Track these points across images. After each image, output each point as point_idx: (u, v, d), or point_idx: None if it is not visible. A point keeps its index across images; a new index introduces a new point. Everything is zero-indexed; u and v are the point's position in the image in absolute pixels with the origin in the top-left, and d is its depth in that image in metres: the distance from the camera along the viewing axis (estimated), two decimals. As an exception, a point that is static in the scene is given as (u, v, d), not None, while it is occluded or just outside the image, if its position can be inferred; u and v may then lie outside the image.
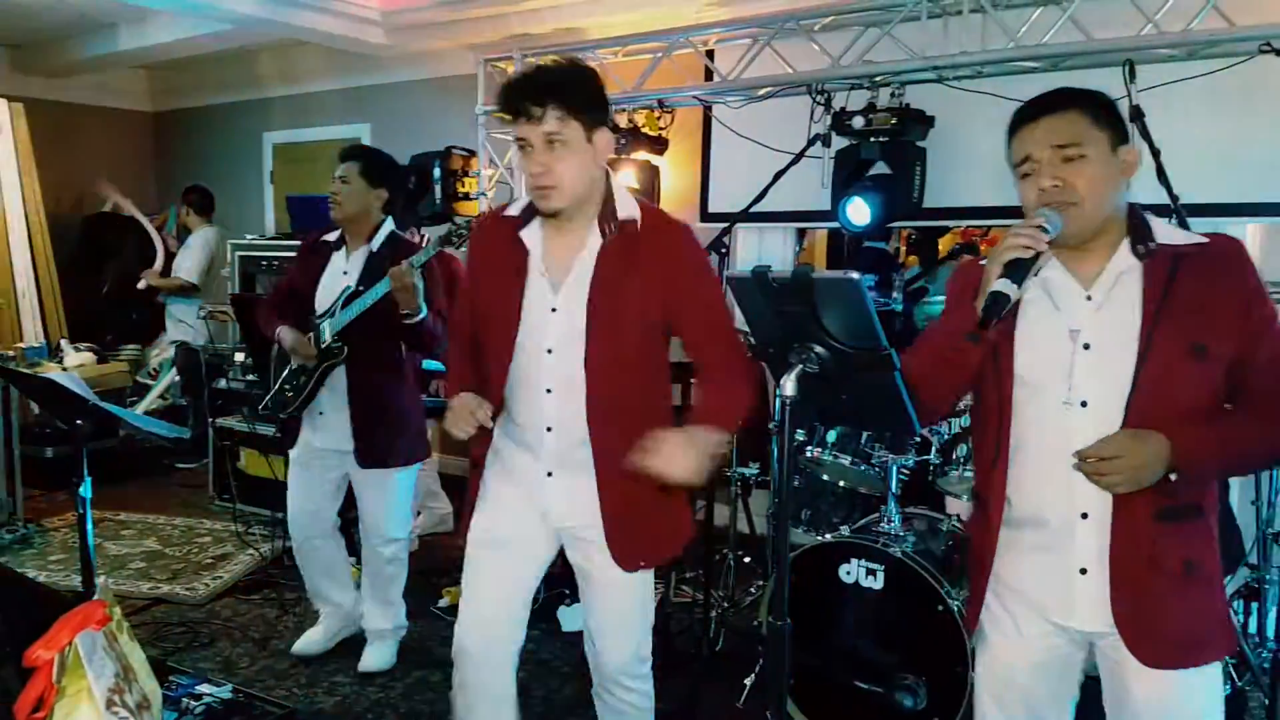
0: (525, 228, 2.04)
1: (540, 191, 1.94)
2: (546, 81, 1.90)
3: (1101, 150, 1.66)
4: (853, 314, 1.53)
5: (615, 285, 1.99)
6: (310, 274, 3.29)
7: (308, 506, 3.37)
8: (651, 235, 2.03)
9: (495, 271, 2.09)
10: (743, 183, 4.04)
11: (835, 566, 2.93)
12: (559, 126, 1.88)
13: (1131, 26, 3.44)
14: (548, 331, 2.03)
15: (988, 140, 4.16)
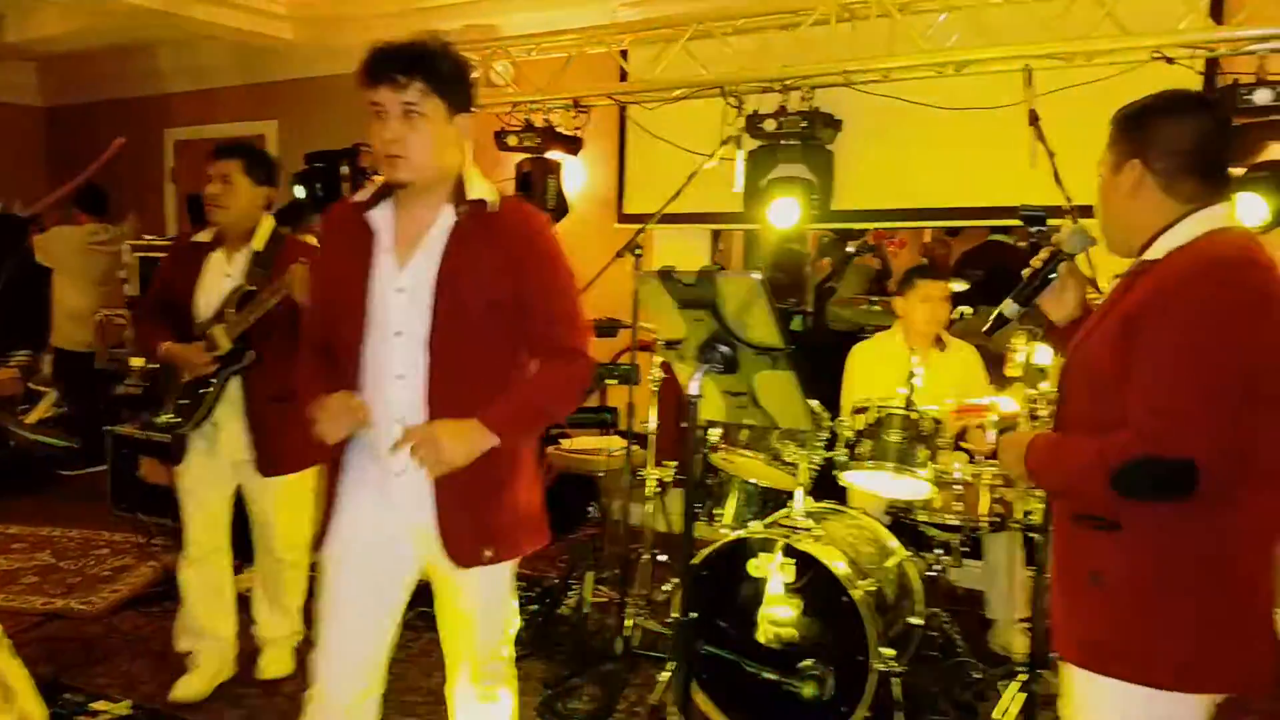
0: (373, 209, 1.99)
1: (390, 161, 1.89)
2: (417, 52, 1.87)
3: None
4: (754, 313, 1.55)
5: (465, 266, 1.94)
6: (185, 279, 3.09)
7: (203, 519, 3.22)
8: (506, 219, 1.99)
9: (342, 258, 2.02)
10: (659, 184, 4.06)
11: (745, 560, 2.97)
12: (419, 98, 1.86)
13: (1031, 33, 3.57)
14: (395, 313, 1.95)
15: (894, 143, 4.34)
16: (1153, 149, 1.61)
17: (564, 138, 4.78)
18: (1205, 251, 1.56)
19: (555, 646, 3.66)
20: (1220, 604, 1.56)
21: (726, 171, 4.26)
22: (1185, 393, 1.48)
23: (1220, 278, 1.52)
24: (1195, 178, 1.60)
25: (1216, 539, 1.55)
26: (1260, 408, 1.50)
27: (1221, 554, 1.56)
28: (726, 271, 1.53)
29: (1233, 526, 1.56)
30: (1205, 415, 1.47)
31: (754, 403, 1.69)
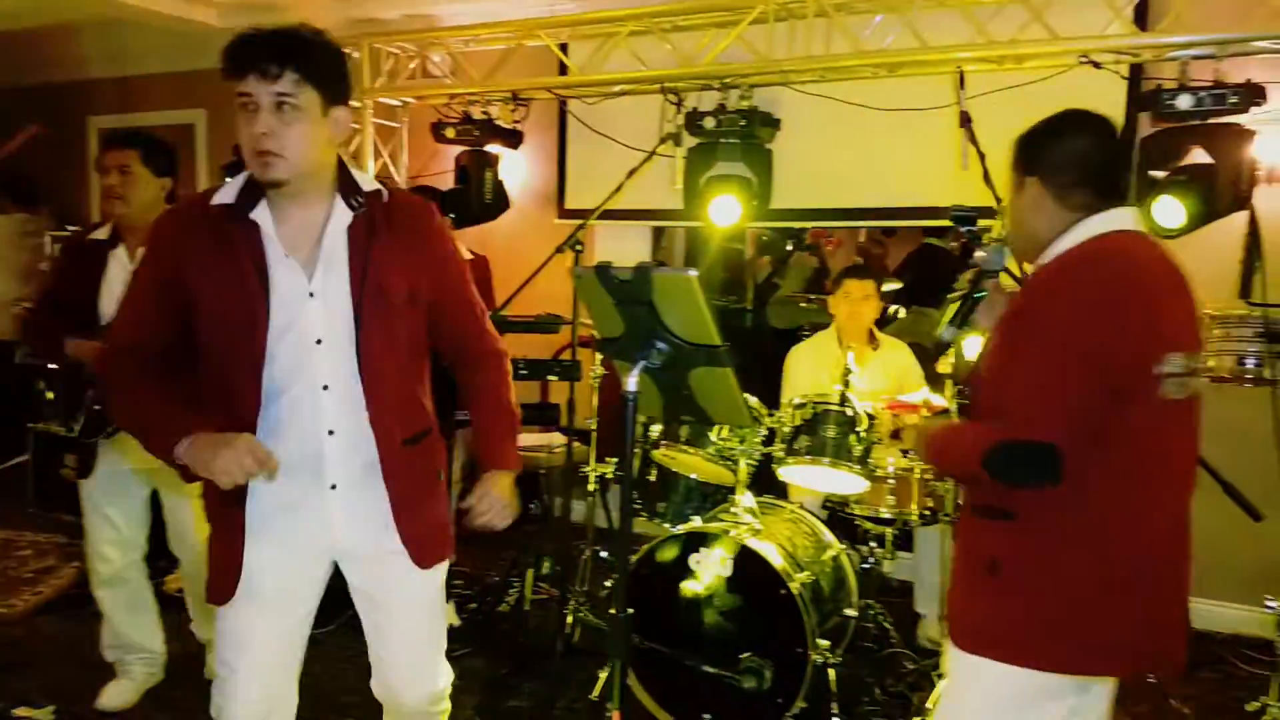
0: (254, 209, 1.81)
1: (261, 158, 1.73)
2: (289, 41, 1.73)
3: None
4: (690, 310, 1.56)
5: (377, 262, 1.83)
6: (85, 280, 2.89)
7: (115, 534, 3.07)
8: (406, 211, 1.91)
9: (214, 266, 1.80)
10: (600, 179, 4.06)
11: (685, 555, 2.99)
12: (294, 89, 1.71)
13: (963, 35, 3.65)
14: (312, 321, 1.82)
15: (831, 143, 4.40)
16: (1045, 166, 1.76)
17: (503, 131, 4.75)
18: (1076, 253, 1.69)
19: (495, 644, 3.64)
20: (1107, 590, 1.65)
21: (668, 168, 4.28)
22: (1042, 381, 1.60)
23: (1080, 275, 1.64)
24: (1086, 189, 1.73)
25: (1102, 528, 1.64)
26: (1125, 399, 1.60)
27: (1108, 542, 1.64)
28: (663, 268, 1.53)
29: (1119, 516, 1.64)
30: (1060, 402, 1.58)
31: (691, 399, 1.70)
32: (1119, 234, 1.70)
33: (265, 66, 1.69)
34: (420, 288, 1.89)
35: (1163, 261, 1.72)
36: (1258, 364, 2.66)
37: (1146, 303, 1.62)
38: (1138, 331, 1.60)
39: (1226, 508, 2.29)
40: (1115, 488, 1.64)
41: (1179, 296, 1.71)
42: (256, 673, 1.92)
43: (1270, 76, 3.39)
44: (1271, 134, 3.54)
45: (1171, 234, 3.35)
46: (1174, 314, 1.67)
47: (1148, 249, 1.71)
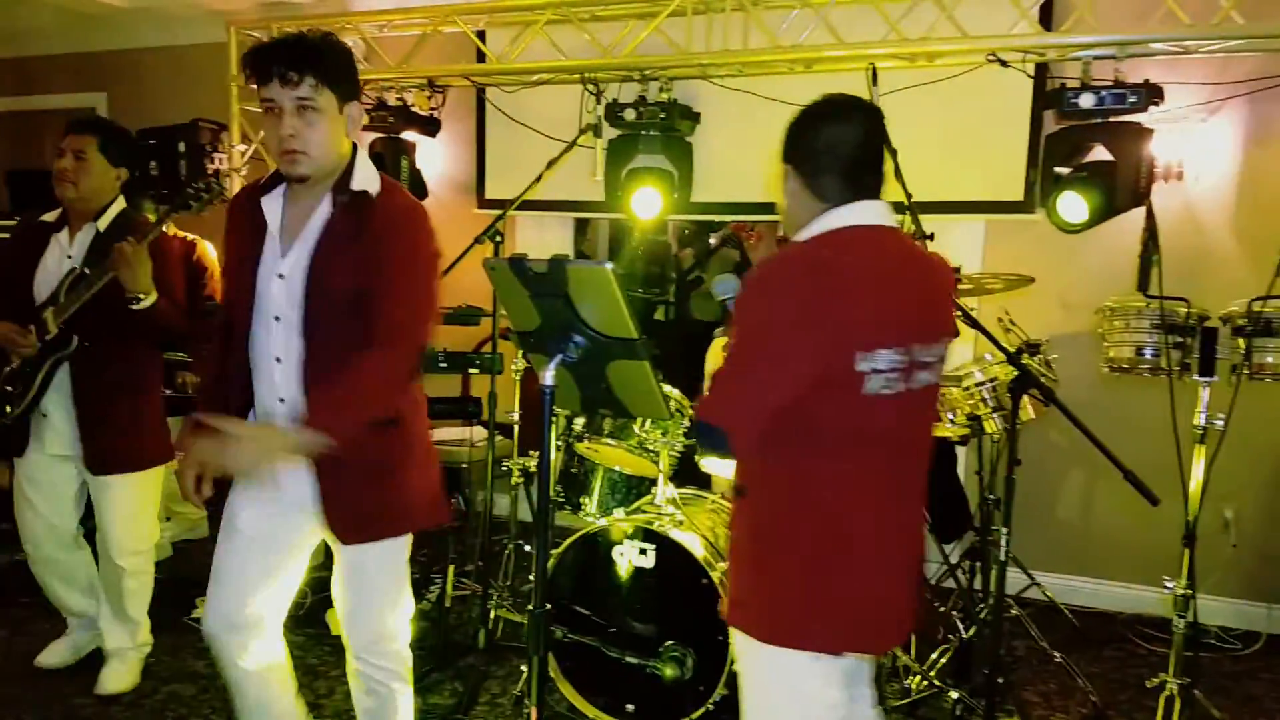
0: (267, 195, 2.07)
1: (288, 157, 1.96)
2: (305, 48, 1.92)
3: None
4: (607, 303, 1.55)
5: (336, 253, 1.99)
6: (26, 259, 2.95)
7: (41, 522, 3.06)
8: (381, 209, 2.03)
9: (240, 244, 2.10)
10: (521, 169, 4.01)
11: (610, 548, 2.99)
12: (312, 93, 1.92)
13: (877, 32, 3.71)
14: (275, 298, 2.03)
15: (751, 138, 4.43)
16: (798, 152, 1.77)
17: (420, 118, 4.66)
18: (800, 246, 1.72)
19: (416, 642, 3.57)
20: (822, 565, 1.70)
21: (589, 159, 4.26)
22: (734, 370, 1.65)
23: (791, 271, 1.66)
24: (835, 178, 1.72)
25: (814, 510, 1.70)
26: (829, 390, 1.64)
27: (820, 523, 1.70)
28: (578, 261, 1.52)
29: (831, 499, 1.70)
30: (741, 392, 1.64)
31: (609, 393, 1.69)
32: (855, 228, 1.71)
33: (286, 73, 1.90)
34: (368, 281, 1.99)
35: (896, 259, 1.73)
36: (1155, 354, 2.77)
37: (854, 300, 1.63)
38: (840, 328, 1.62)
39: (1126, 493, 2.38)
40: (825, 472, 1.68)
41: (905, 293, 1.72)
42: (232, 592, 2.13)
43: (1167, 77, 3.54)
44: (1168, 132, 3.71)
45: (1075, 229, 3.48)
46: (892, 311, 1.68)
47: (880, 245, 1.73)
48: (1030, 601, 4.10)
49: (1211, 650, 3.82)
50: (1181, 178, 3.84)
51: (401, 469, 2.13)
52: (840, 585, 1.71)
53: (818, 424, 1.66)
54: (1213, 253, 3.88)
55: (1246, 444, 3.37)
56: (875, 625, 1.77)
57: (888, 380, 1.67)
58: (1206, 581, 3.73)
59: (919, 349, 1.72)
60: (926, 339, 1.74)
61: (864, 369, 1.64)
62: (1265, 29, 3.27)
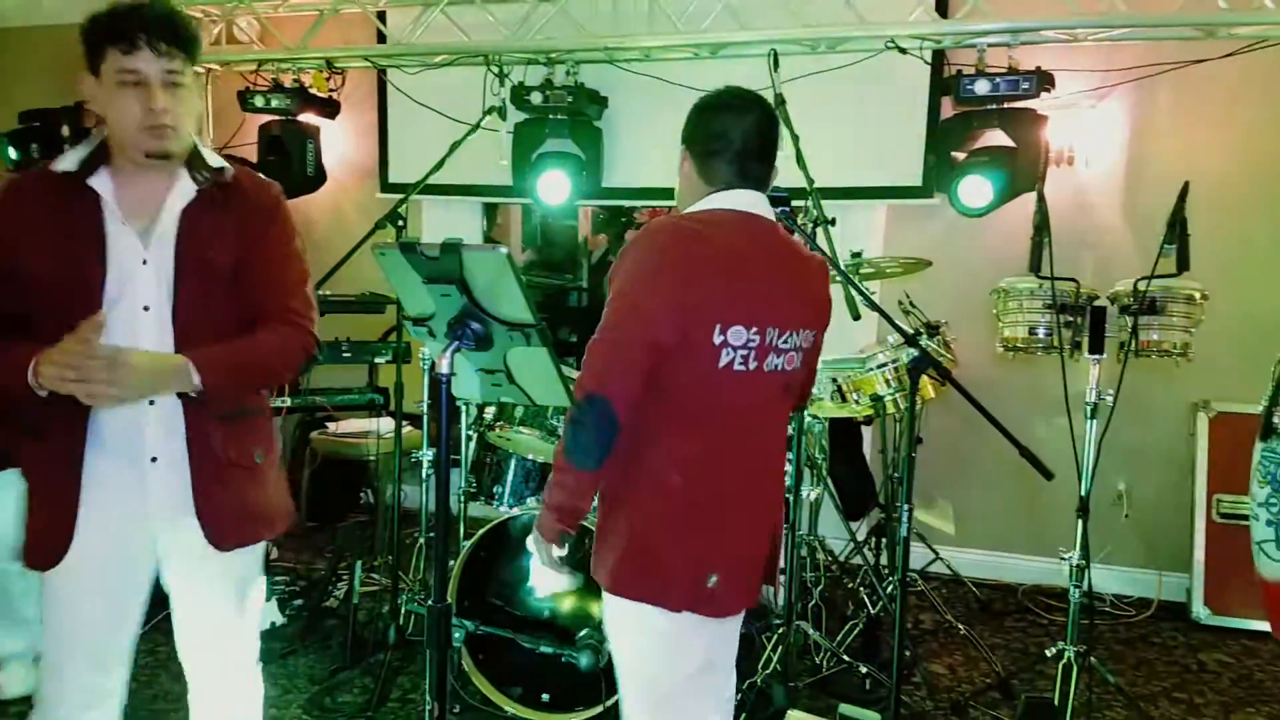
0: (93, 176, 1.84)
1: (157, 132, 1.80)
2: (176, 19, 1.81)
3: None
4: (504, 288, 1.51)
5: (208, 236, 1.88)
6: None
7: None
8: (246, 189, 1.95)
9: (50, 233, 1.84)
10: (426, 152, 3.91)
11: (524, 537, 2.96)
12: (181, 67, 1.81)
13: (779, 19, 3.74)
14: (141, 288, 1.85)
15: (659, 123, 4.40)
16: (693, 138, 1.85)
17: (318, 100, 4.51)
18: (662, 219, 1.79)
19: (324, 641, 3.49)
20: (644, 524, 1.78)
21: (498, 143, 4.18)
22: (609, 336, 1.69)
23: (654, 241, 1.73)
24: (723, 164, 1.81)
25: (662, 474, 1.76)
26: (679, 359, 1.70)
27: (668, 487, 1.76)
28: (473, 245, 1.48)
29: (678, 464, 1.76)
30: (613, 356, 1.68)
31: (510, 380, 1.66)
32: (730, 211, 1.78)
33: (157, 44, 1.76)
34: (242, 264, 1.90)
35: (762, 244, 1.80)
36: (1048, 333, 2.87)
37: (715, 271, 1.70)
38: (702, 296, 1.69)
39: (1023, 468, 2.45)
40: (674, 438, 1.75)
41: (765, 276, 1.79)
42: (74, 646, 1.90)
43: (1059, 64, 3.65)
44: (1059, 119, 3.83)
45: (977, 213, 3.57)
46: (749, 289, 1.75)
47: (748, 229, 1.79)
48: (935, 576, 4.22)
49: (1107, 617, 3.99)
50: (1072, 163, 3.99)
51: (268, 466, 2.03)
52: (679, 547, 1.77)
53: (671, 393, 1.72)
54: (1102, 234, 4.04)
55: (1136, 418, 3.53)
56: (713, 591, 1.81)
57: (740, 356, 1.74)
58: (1101, 552, 3.90)
59: (774, 332, 1.78)
60: (783, 325, 1.80)
61: (718, 341, 1.72)
62: (1149, 18, 3.41)
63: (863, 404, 3.35)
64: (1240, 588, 3.72)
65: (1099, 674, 3.06)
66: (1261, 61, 3.55)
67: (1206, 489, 3.97)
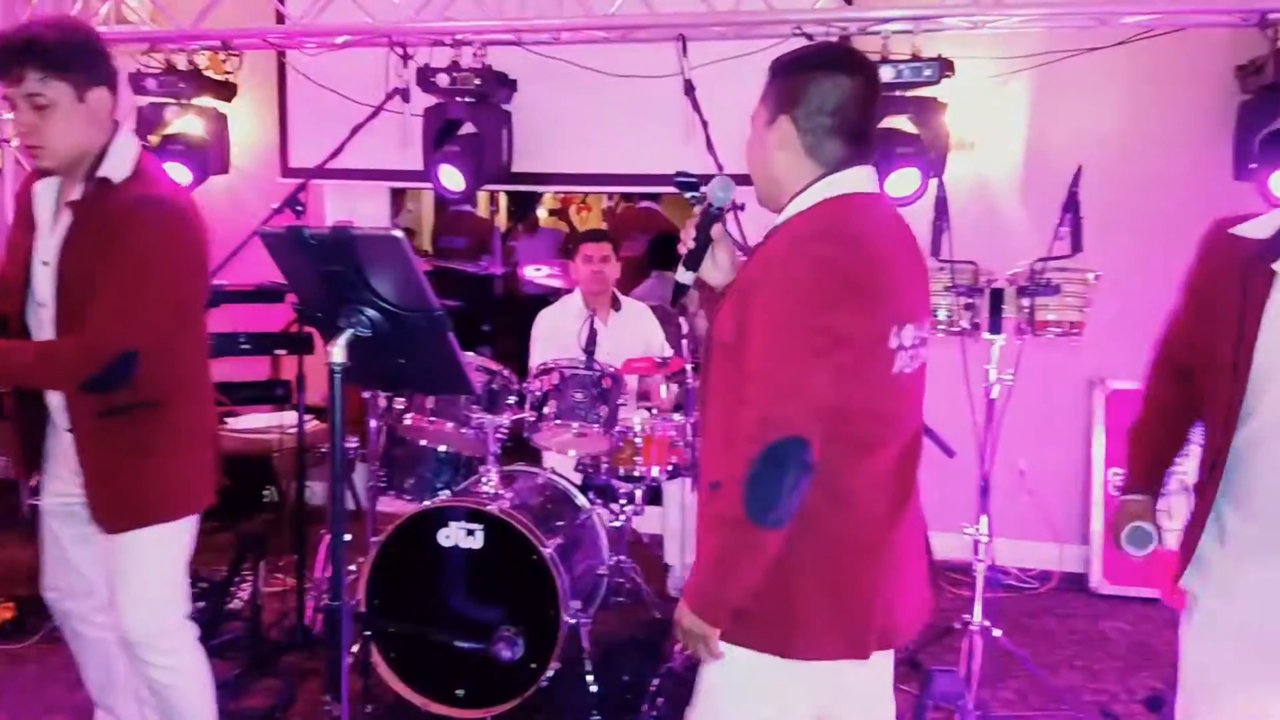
0: (43, 181, 2.08)
1: (28, 151, 1.99)
2: (23, 43, 1.89)
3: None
4: (400, 274, 1.46)
5: (79, 240, 1.99)
6: None
7: None
8: (120, 199, 1.99)
9: (16, 231, 2.10)
10: (329, 137, 3.80)
11: (434, 532, 2.90)
12: (40, 87, 1.89)
13: (688, 4, 3.72)
14: (39, 285, 2.03)
15: (569, 108, 4.38)
16: (801, 106, 1.57)
17: (214, 83, 4.32)
18: (809, 218, 1.56)
19: (228, 644, 3.37)
20: (849, 563, 1.57)
21: (405, 126, 4.08)
22: (784, 367, 1.46)
23: (817, 248, 1.50)
24: (839, 140, 1.57)
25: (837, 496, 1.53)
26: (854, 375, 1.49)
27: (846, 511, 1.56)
28: (364, 228, 1.42)
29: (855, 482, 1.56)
30: (794, 389, 1.45)
31: (410, 368, 1.61)
32: (857, 196, 1.58)
33: (8, 71, 1.89)
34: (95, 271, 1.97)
35: (899, 228, 1.64)
36: (948, 315, 2.94)
37: (882, 275, 1.52)
38: (881, 301, 1.51)
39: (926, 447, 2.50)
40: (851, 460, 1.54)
41: (913, 265, 1.64)
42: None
43: (959, 52, 3.73)
44: (959, 105, 3.92)
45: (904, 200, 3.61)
46: (908, 285, 1.59)
47: (884, 214, 1.62)
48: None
49: (1011, 590, 4.13)
50: (973, 147, 4.09)
51: (160, 454, 2.09)
52: (868, 583, 1.56)
53: (847, 406, 1.49)
54: (1001, 218, 4.16)
55: (1035, 396, 3.64)
56: (899, 619, 1.63)
57: (910, 357, 1.57)
58: (1003, 526, 4.02)
59: (923, 322, 1.64)
60: (924, 313, 1.67)
61: (894, 344, 1.53)
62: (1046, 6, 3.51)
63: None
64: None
65: (1003, 646, 3.16)
66: (1151, 50, 3.69)
67: (1103, 463, 4.14)
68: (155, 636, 2.13)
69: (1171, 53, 3.74)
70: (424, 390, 2.92)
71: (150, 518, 2.08)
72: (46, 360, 2.00)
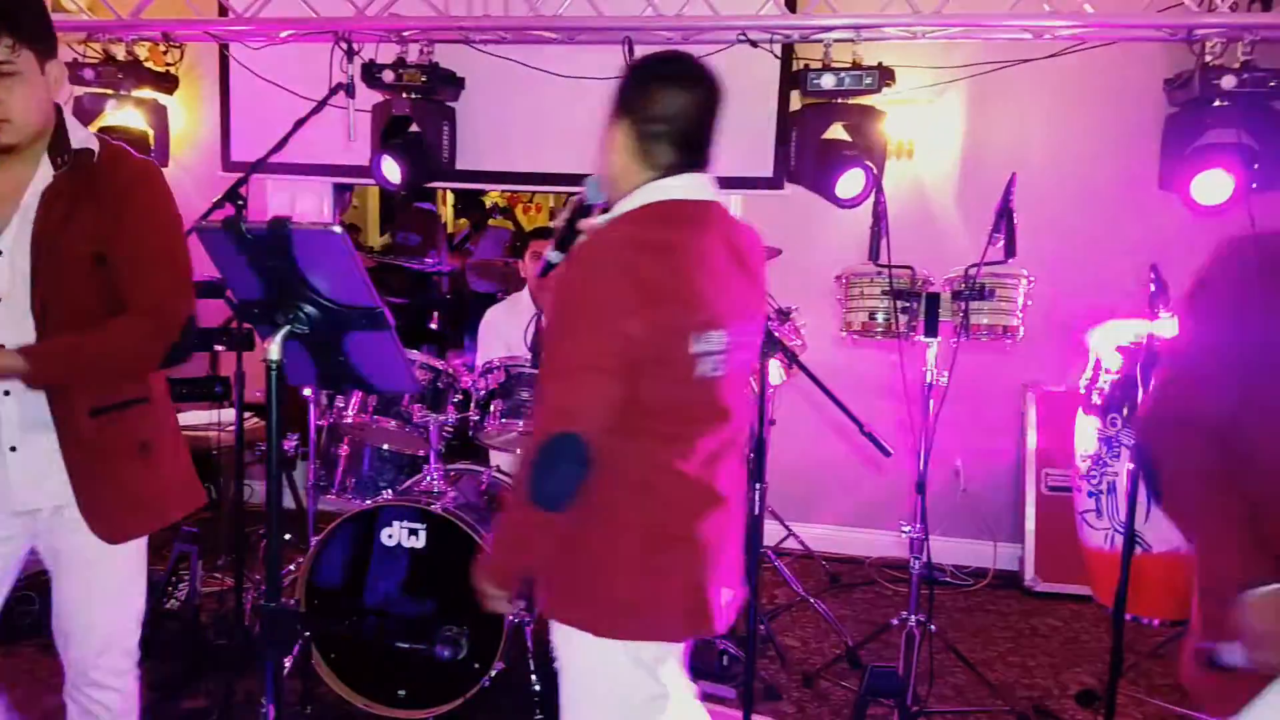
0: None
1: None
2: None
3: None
4: (339, 270, 1.46)
5: (63, 221, 1.84)
6: None
7: None
8: (106, 169, 1.89)
9: None
10: (272, 130, 3.73)
11: (377, 531, 2.89)
12: (10, 55, 1.75)
13: (635, 7, 3.76)
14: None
15: (518, 107, 4.38)
16: (637, 112, 1.63)
17: (154, 74, 4.24)
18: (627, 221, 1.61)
19: (165, 645, 3.30)
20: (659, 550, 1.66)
21: (355, 122, 4.03)
22: (583, 362, 1.52)
23: (625, 250, 1.55)
24: (669, 147, 1.63)
25: (643, 488, 1.63)
26: (653, 373, 1.56)
27: (652, 502, 1.64)
28: (302, 223, 1.42)
29: (658, 476, 1.64)
30: (578, 388, 1.52)
31: (349, 366, 1.60)
32: (682, 203, 1.63)
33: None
34: (107, 249, 1.85)
35: (723, 236, 1.67)
36: (886, 318, 3.00)
37: (687, 284, 1.57)
38: (677, 309, 1.55)
39: (862, 447, 2.56)
40: (655, 454, 1.62)
41: (735, 272, 1.68)
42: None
43: (899, 61, 3.81)
44: (898, 113, 4.01)
45: (852, 201, 3.68)
46: (720, 292, 1.62)
47: (708, 221, 1.66)
48: (789, 551, 4.37)
49: (947, 587, 4.23)
50: (911, 155, 4.18)
51: (158, 453, 2.00)
52: (680, 570, 1.65)
53: (649, 406, 1.57)
54: (938, 224, 4.26)
55: (970, 398, 3.73)
56: (713, 606, 1.69)
57: (716, 363, 1.62)
58: (940, 525, 4.12)
59: (740, 328, 1.68)
60: (748, 317, 1.71)
61: (696, 351, 1.58)
62: (983, 18, 3.60)
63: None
64: (1067, 556, 3.98)
65: (940, 642, 3.24)
66: (1083, 62, 3.81)
67: (1036, 463, 4.26)
68: (122, 657, 2.05)
69: (1103, 66, 3.87)
70: (365, 389, 2.90)
71: (154, 521, 2.01)
72: (120, 344, 1.85)
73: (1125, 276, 3.73)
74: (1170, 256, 2.72)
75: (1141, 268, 2.61)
